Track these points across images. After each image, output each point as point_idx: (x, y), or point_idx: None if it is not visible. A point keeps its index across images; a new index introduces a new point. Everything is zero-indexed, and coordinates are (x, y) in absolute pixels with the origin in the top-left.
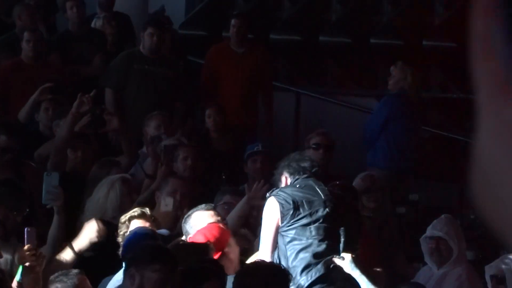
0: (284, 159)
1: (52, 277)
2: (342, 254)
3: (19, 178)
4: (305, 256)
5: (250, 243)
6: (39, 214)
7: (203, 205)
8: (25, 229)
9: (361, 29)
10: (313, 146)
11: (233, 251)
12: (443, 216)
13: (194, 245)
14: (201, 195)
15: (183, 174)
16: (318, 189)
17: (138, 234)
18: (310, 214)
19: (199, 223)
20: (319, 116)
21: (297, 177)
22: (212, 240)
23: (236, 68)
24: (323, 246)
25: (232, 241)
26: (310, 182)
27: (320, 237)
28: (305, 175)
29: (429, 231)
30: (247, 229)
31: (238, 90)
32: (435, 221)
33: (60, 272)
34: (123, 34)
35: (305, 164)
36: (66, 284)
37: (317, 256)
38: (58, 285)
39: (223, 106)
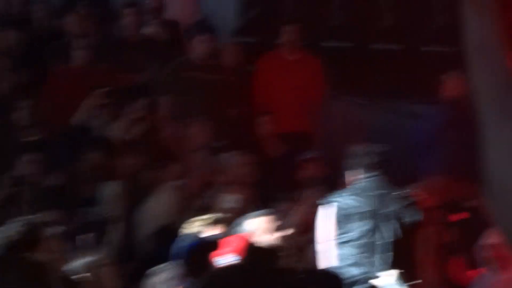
0: (352, 149)
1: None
2: (388, 271)
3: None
4: (350, 270)
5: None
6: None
7: (259, 211)
8: (81, 237)
9: (412, 37)
10: None
11: None
12: None
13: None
14: (257, 202)
15: (240, 181)
16: (372, 196)
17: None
18: (351, 230)
19: (255, 228)
20: (370, 123)
21: (360, 174)
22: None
23: (288, 75)
24: (365, 262)
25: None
26: (368, 186)
27: (362, 254)
28: (366, 173)
29: (488, 238)
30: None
31: (289, 98)
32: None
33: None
34: (174, 41)
35: (368, 161)
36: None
37: (360, 273)
38: (163, 274)
39: (275, 112)
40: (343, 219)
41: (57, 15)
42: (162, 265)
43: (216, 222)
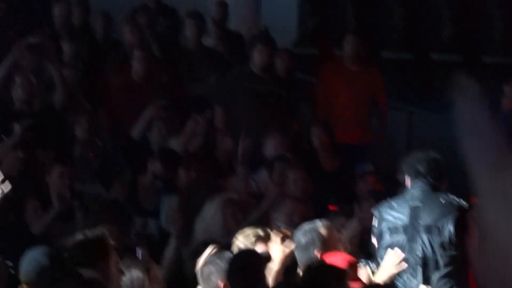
0: (409, 155)
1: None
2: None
3: None
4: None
5: None
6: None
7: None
8: (137, 249)
9: (473, 48)
10: None
11: None
12: None
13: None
14: (312, 216)
15: (296, 195)
16: (409, 209)
17: None
18: (390, 246)
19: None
20: (431, 135)
21: (414, 182)
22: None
23: (350, 86)
24: (401, 281)
25: None
26: (415, 195)
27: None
28: (421, 182)
29: None
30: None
31: (352, 109)
32: None
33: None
34: (235, 52)
35: (422, 169)
36: (220, 266)
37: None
38: (212, 267)
39: (334, 124)
40: (386, 230)
41: (118, 26)
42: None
43: (268, 236)
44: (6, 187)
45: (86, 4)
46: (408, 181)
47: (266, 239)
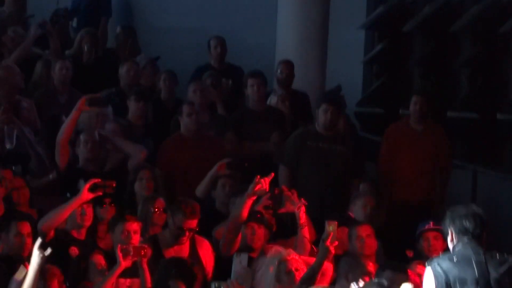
0: (452, 209)
1: None
2: None
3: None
4: None
5: None
6: None
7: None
8: None
9: None
10: None
11: None
12: None
13: None
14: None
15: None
16: (474, 263)
17: None
18: None
19: None
20: (496, 195)
21: (460, 238)
22: None
23: (415, 145)
24: None
25: None
26: (469, 251)
27: None
28: (467, 238)
29: None
30: None
31: (416, 168)
32: None
33: None
34: (300, 112)
35: (468, 224)
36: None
37: None
38: None
39: (398, 183)
40: (455, 282)
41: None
42: None
43: None
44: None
45: (154, 66)
46: (452, 236)
47: None
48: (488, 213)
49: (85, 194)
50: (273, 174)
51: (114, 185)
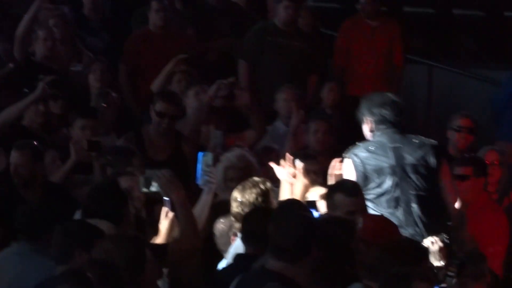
0: (367, 98)
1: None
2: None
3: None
4: None
5: None
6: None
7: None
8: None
9: (495, 2)
10: (456, 128)
11: None
12: None
13: None
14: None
15: (315, 148)
16: (390, 150)
17: None
18: (379, 185)
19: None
20: (451, 90)
21: (378, 127)
22: None
23: (370, 41)
24: (395, 219)
25: None
26: (385, 138)
27: (391, 210)
28: (385, 126)
29: None
30: None
31: (371, 63)
32: None
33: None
34: (256, 6)
35: (387, 112)
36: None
37: None
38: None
39: (352, 78)
40: (373, 172)
41: None
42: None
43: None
44: None
45: None
46: (370, 125)
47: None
48: (444, 107)
49: (44, 90)
50: (234, 78)
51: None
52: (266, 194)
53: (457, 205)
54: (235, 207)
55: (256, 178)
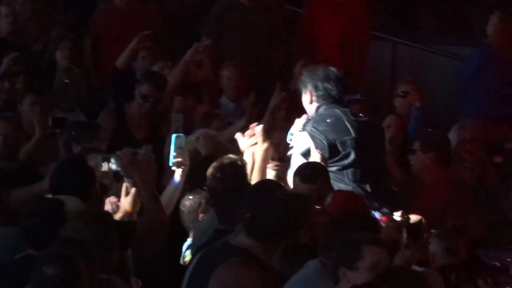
0: (310, 71)
1: None
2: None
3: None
4: None
5: None
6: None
7: None
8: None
9: None
10: (401, 94)
11: None
12: None
13: None
14: None
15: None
16: (348, 124)
17: None
18: (345, 157)
19: None
20: (415, 65)
21: (322, 100)
22: None
23: (335, 16)
24: (360, 191)
25: None
26: (338, 112)
27: (358, 182)
28: (332, 100)
29: None
30: None
31: (336, 38)
32: None
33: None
34: None
35: (333, 90)
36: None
37: None
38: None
39: (318, 53)
40: (325, 149)
41: None
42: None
43: None
44: None
45: None
46: (311, 98)
47: None
48: None
49: (8, 66)
50: (210, 41)
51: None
52: (242, 170)
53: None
54: (212, 183)
55: (232, 156)
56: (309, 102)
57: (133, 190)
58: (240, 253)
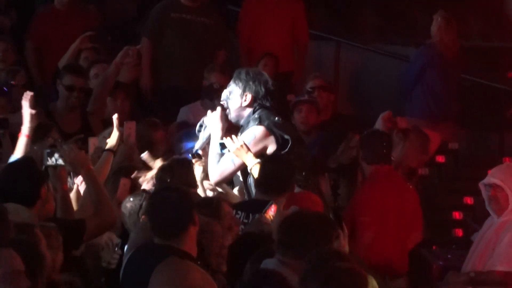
0: (243, 72)
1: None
2: None
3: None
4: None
5: None
6: None
7: None
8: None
9: None
10: (308, 89)
11: None
12: (505, 163)
13: None
14: None
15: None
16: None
17: None
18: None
19: None
20: (358, 65)
21: (256, 102)
22: None
23: (274, 16)
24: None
25: None
26: (273, 114)
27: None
28: (268, 103)
29: (487, 178)
30: None
31: (276, 39)
32: (495, 167)
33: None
34: None
35: (264, 88)
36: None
37: None
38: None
39: (258, 52)
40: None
41: None
42: None
43: None
44: None
45: None
46: (251, 99)
47: None
48: (351, 83)
49: None
50: (141, 46)
51: None
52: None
53: None
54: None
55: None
56: (242, 98)
57: (74, 186)
58: (176, 252)
